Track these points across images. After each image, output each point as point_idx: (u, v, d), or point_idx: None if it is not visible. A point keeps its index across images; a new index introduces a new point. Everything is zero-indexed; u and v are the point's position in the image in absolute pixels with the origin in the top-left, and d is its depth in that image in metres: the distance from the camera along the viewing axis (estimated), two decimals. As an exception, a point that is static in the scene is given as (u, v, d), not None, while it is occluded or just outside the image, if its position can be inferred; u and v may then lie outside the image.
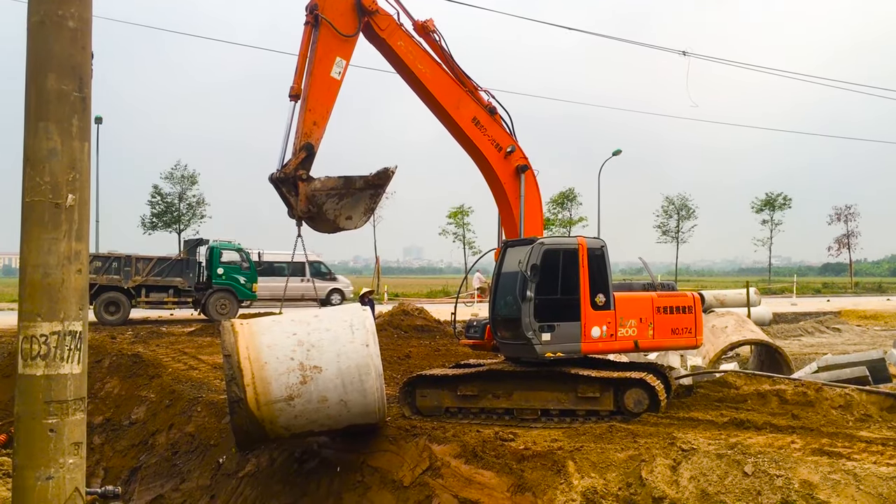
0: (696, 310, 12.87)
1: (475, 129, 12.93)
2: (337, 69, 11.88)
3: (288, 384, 10.08)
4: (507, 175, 13.16)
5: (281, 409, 10.13)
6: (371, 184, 12.11)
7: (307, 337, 10.38)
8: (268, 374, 10.08)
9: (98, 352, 18.64)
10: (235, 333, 10.36)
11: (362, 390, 10.26)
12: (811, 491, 8.17)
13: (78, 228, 4.00)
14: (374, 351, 10.37)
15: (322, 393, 10.16)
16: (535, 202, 13.38)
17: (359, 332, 10.44)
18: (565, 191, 63.80)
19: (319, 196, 11.77)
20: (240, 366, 10.02)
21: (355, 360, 10.25)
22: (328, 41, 11.84)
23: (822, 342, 27.68)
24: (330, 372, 10.17)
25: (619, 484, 9.08)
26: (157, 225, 51.12)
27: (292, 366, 10.12)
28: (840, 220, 74.99)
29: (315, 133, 11.77)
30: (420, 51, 12.67)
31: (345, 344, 10.32)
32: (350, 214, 12.06)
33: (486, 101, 13.22)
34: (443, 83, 12.78)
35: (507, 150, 13.10)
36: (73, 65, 4.02)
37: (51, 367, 3.85)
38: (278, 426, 10.29)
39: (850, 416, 11.45)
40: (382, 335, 23.04)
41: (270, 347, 10.26)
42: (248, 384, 9.99)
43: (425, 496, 10.16)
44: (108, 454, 14.47)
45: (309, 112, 11.73)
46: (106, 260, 27.90)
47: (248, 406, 9.97)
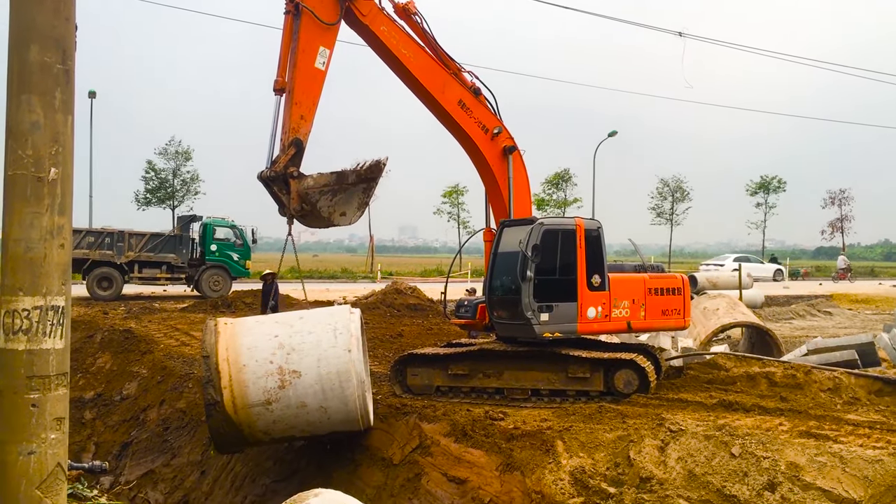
0: (685, 291, 12.96)
1: (461, 112, 12.74)
2: (321, 59, 11.58)
3: (266, 388, 9.73)
4: (494, 156, 13.01)
5: (259, 414, 9.81)
6: (363, 177, 11.85)
7: (289, 340, 10.00)
8: (246, 377, 9.75)
9: (90, 327, 18.65)
10: (217, 334, 10.07)
11: (343, 397, 9.84)
12: (797, 473, 8.21)
13: (61, 203, 3.95)
14: (357, 357, 9.92)
15: (301, 398, 9.81)
16: (524, 183, 13.29)
17: (342, 336, 9.98)
18: (560, 171, 63.68)
19: (312, 194, 11.48)
20: (217, 368, 9.74)
21: (336, 366, 9.81)
22: (310, 30, 11.52)
23: (813, 325, 27.81)
24: (309, 377, 9.80)
25: (607, 464, 9.13)
26: (150, 201, 50.88)
27: (271, 369, 9.77)
28: (834, 204, 75.04)
29: (303, 127, 11.49)
30: (403, 35, 12.40)
31: (326, 349, 9.91)
32: (344, 210, 11.81)
33: (470, 82, 13.01)
34: (427, 67, 12.54)
35: (494, 131, 12.94)
36: (55, 36, 3.96)
37: (33, 342, 3.82)
38: (257, 430, 9.97)
39: (839, 399, 11.50)
40: (375, 313, 23.10)
41: (251, 349, 9.92)
42: (224, 387, 9.70)
43: (415, 474, 10.20)
44: (99, 429, 14.50)
45: (296, 106, 11.43)
46: (99, 235, 27.83)
47: (224, 409, 9.67)
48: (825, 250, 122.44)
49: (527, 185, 13.30)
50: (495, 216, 13.39)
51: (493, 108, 13.15)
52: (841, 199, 74.72)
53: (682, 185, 68.23)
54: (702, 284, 28.39)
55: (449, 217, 63.43)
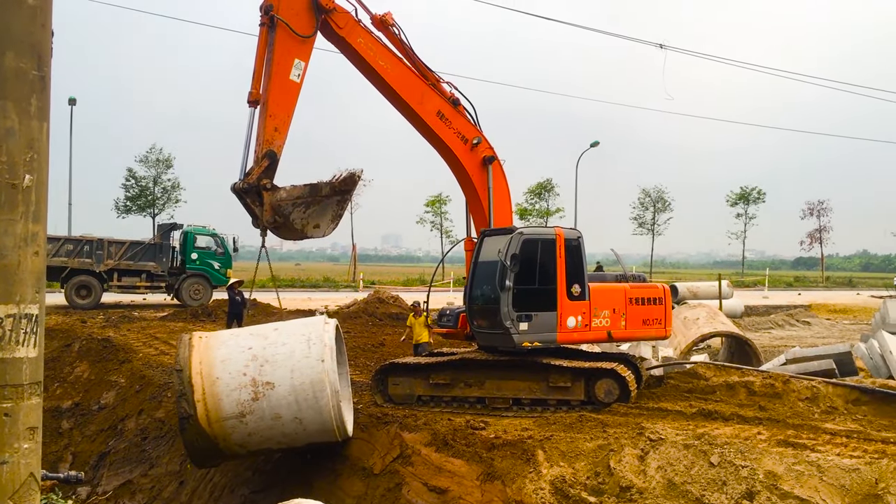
0: (666, 301, 13.00)
1: (440, 123, 12.68)
2: (296, 71, 11.47)
3: (239, 400, 9.66)
4: (474, 167, 12.97)
5: (233, 427, 9.73)
6: (338, 190, 11.73)
7: (262, 351, 9.96)
8: (219, 389, 9.69)
9: (68, 335, 18.48)
10: (191, 347, 10.03)
11: (317, 408, 9.74)
12: (775, 481, 8.26)
13: (35, 210, 3.90)
14: (331, 366, 9.80)
15: (275, 410, 9.72)
16: (504, 192, 13.28)
17: (315, 346, 9.90)
18: (543, 181, 63.99)
19: (285, 206, 11.37)
20: (191, 381, 9.70)
21: (309, 377, 9.72)
22: (285, 43, 11.41)
23: (791, 335, 27.99)
24: (283, 388, 9.72)
25: (587, 473, 9.14)
26: (131, 209, 50.60)
27: (244, 381, 9.70)
28: (813, 215, 75.98)
29: (277, 139, 11.35)
30: (380, 47, 12.32)
31: (300, 359, 9.82)
32: (318, 223, 11.71)
33: (448, 92, 12.96)
34: (405, 78, 12.47)
35: (474, 141, 12.90)
36: (31, 43, 3.92)
37: (5, 351, 3.77)
38: (232, 443, 9.89)
39: (816, 408, 11.58)
40: (357, 322, 23.04)
41: (224, 362, 9.87)
42: (198, 400, 9.65)
43: (395, 484, 10.16)
44: (76, 439, 14.35)
45: (270, 118, 11.30)
46: (78, 243, 27.62)
47: (198, 423, 9.62)
48: (804, 261, 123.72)
49: (507, 195, 13.31)
50: (476, 226, 13.40)
51: (473, 118, 13.11)
52: (819, 211, 75.72)
53: (664, 196, 68.87)
54: (683, 294, 28.59)
55: (432, 226, 63.67)
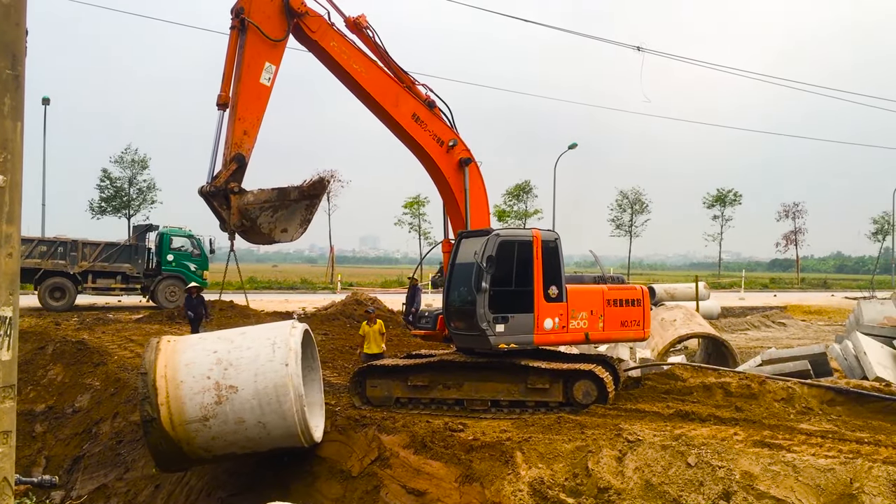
0: (645, 303, 13.05)
1: (415, 126, 12.60)
2: (266, 75, 11.34)
3: (202, 404, 9.59)
4: (450, 169, 12.92)
5: (197, 430, 9.64)
6: (306, 194, 11.66)
7: (227, 355, 9.86)
8: (182, 393, 9.62)
9: (41, 338, 18.24)
10: (158, 351, 9.97)
11: (280, 412, 9.63)
12: (751, 482, 8.32)
13: (9, 211, 3.85)
14: (294, 371, 9.66)
15: (238, 414, 9.63)
16: (481, 194, 13.26)
17: (280, 350, 9.79)
18: (521, 183, 64.22)
19: (252, 210, 11.25)
20: (154, 384, 9.62)
21: (273, 381, 9.61)
22: (256, 46, 11.27)
23: (767, 336, 28.29)
24: (246, 392, 9.61)
25: (565, 474, 9.16)
26: (106, 210, 50.09)
27: (208, 385, 9.62)
28: (788, 217, 76.78)
29: (246, 143, 11.23)
30: (354, 50, 12.20)
31: (264, 363, 9.72)
32: (285, 227, 11.61)
33: (424, 94, 12.89)
34: (380, 81, 12.36)
35: (449, 143, 12.84)
36: (5, 42, 3.87)
37: (-22, 354, 3.72)
38: (196, 447, 9.79)
39: (792, 408, 11.70)
40: (335, 324, 22.97)
41: (188, 366, 9.80)
42: (161, 403, 9.58)
43: (373, 486, 10.12)
44: (50, 442, 14.16)
45: (239, 121, 11.17)
46: (51, 244, 27.30)
47: (161, 426, 9.55)
48: (780, 262, 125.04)
49: (484, 197, 13.29)
50: (454, 227, 13.38)
51: (449, 120, 13.05)
52: (795, 213, 76.51)
53: (642, 198, 69.31)
54: (660, 296, 28.78)
55: (410, 228, 63.66)
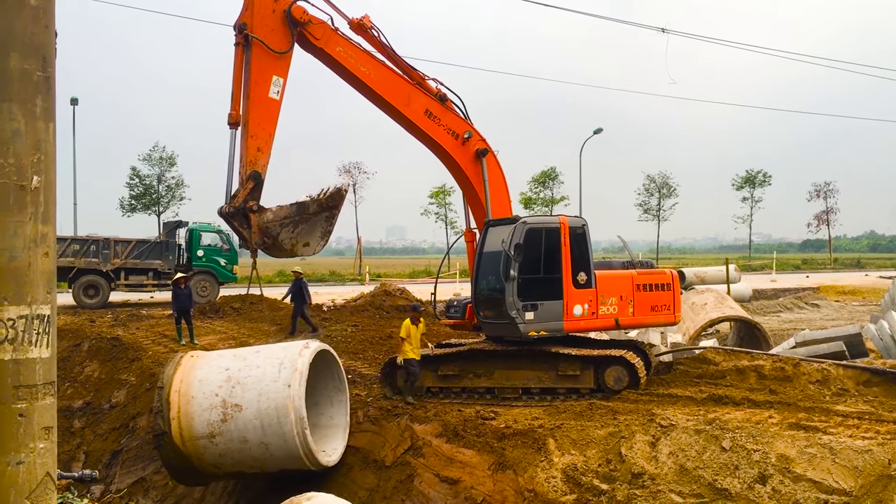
0: (675, 287, 12.96)
1: (429, 122, 12.46)
2: (275, 89, 11.27)
3: (209, 421, 9.65)
4: (467, 161, 12.78)
5: (205, 447, 9.71)
6: (325, 206, 11.57)
7: (237, 373, 9.92)
8: (193, 409, 9.71)
9: (77, 335, 18.52)
10: (177, 366, 10.09)
11: (281, 434, 9.51)
12: (788, 465, 8.26)
13: (44, 211, 3.91)
14: (297, 393, 9.52)
15: (242, 433, 9.60)
16: (500, 183, 13.12)
17: (285, 371, 9.69)
18: (547, 170, 63.89)
19: (273, 227, 11.24)
20: (168, 399, 9.75)
21: (274, 402, 9.53)
22: (262, 61, 11.18)
23: (800, 318, 27.96)
24: (249, 412, 9.59)
25: (598, 460, 9.15)
26: (136, 207, 50.70)
27: (215, 402, 9.71)
28: (819, 197, 75.64)
29: (260, 160, 11.18)
30: (361, 53, 12.05)
31: (268, 383, 9.66)
32: (307, 241, 11.56)
33: (435, 89, 12.73)
34: (389, 82, 12.21)
35: (465, 136, 12.68)
36: (35, 44, 3.92)
37: (19, 352, 3.78)
38: (206, 463, 9.86)
39: (827, 390, 11.57)
40: (364, 316, 23.07)
41: (201, 382, 9.88)
42: (173, 418, 9.70)
43: (407, 475, 10.19)
44: (88, 438, 14.40)
45: (251, 139, 11.11)
46: (84, 243, 27.67)
47: (172, 440, 9.66)
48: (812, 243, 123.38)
49: (504, 185, 13.17)
50: (475, 217, 13.31)
51: (462, 112, 12.89)
52: (826, 192, 75.33)
53: (669, 181, 68.67)
54: (690, 279, 28.53)
55: (436, 218, 63.60)
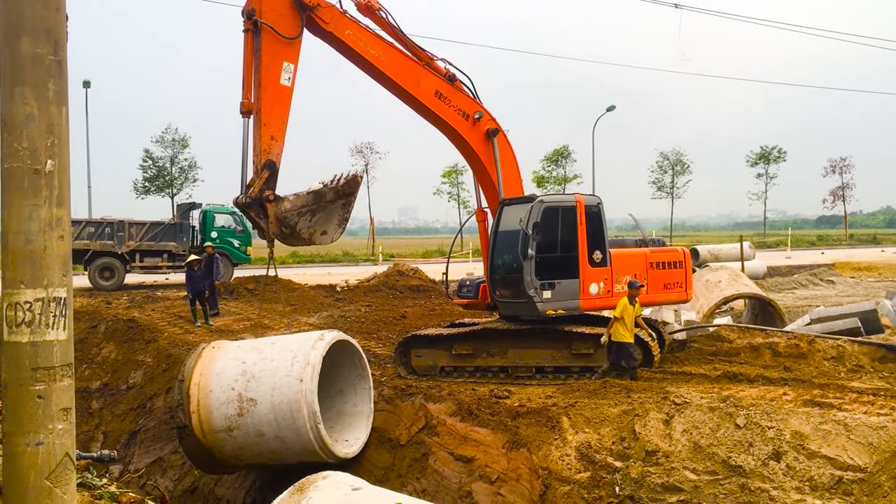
0: (686, 264, 12.99)
1: (439, 103, 12.37)
2: (286, 75, 11.10)
3: (227, 415, 9.70)
4: (478, 141, 12.69)
5: (224, 440, 9.75)
6: (342, 193, 11.40)
7: (253, 367, 9.88)
8: (211, 402, 9.74)
9: (94, 317, 18.68)
10: (198, 358, 10.11)
11: (295, 428, 9.46)
12: (802, 441, 8.25)
13: (58, 194, 3.94)
14: (309, 387, 9.41)
15: (258, 427, 9.61)
16: (511, 162, 13.04)
17: (297, 364, 9.61)
18: (560, 148, 63.59)
19: (291, 216, 11.07)
20: (188, 392, 9.79)
21: (287, 396, 9.46)
22: (272, 47, 11.02)
23: (815, 294, 27.81)
24: (264, 406, 9.57)
25: (612, 438, 9.17)
26: (149, 189, 50.89)
27: (231, 396, 9.72)
28: (835, 173, 75.01)
29: (275, 148, 11.05)
30: (370, 35, 11.91)
31: (281, 377, 9.59)
32: (325, 229, 11.39)
33: (444, 69, 12.61)
34: (399, 63, 12.10)
35: (475, 116, 12.60)
36: (46, 27, 3.93)
37: (36, 334, 3.83)
38: (227, 455, 9.90)
39: (842, 367, 11.54)
40: (377, 296, 23.15)
41: (219, 375, 9.88)
42: (193, 411, 9.75)
43: (422, 454, 10.26)
44: (106, 418, 14.56)
45: (265, 127, 10.97)
46: (99, 226, 27.80)
47: (193, 433, 9.73)
48: (827, 219, 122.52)
49: (515, 165, 13.11)
50: (486, 197, 13.28)
51: (471, 91, 12.80)
52: (842, 168, 74.66)
53: (683, 159, 68.22)
54: (704, 257, 28.41)
55: (449, 197, 63.56)
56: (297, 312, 20.20)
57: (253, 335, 16.51)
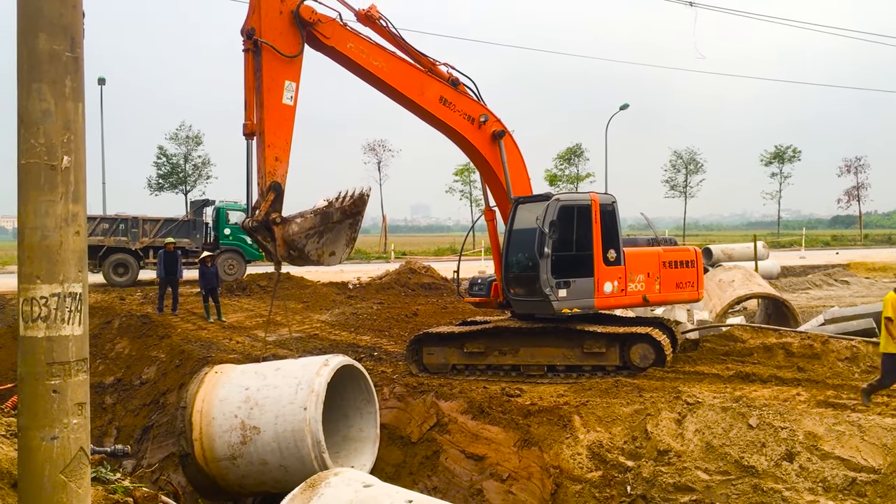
0: (698, 264, 12.99)
1: (444, 109, 12.20)
2: (288, 94, 10.93)
3: (230, 443, 9.54)
4: (484, 144, 12.55)
5: (227, 468, 9.59)
6: (349, 213, 11.24)
7: (256, 393, 9.71)
8: (213, 430, 9.58)
9: (108, 313, 18.81)
10: (201, 383, 10.00)
11: (300, 457, 9.24)
12: (815, 442, 8.21)
13: (74, 190, 3.96)
14: (313, 416, 9.21)
15: (262, 456, 9.42)
16: (519, 163, 12.92)
17: (301, 392, 9.41)
18: (572, 146, 63.47)
19: (299, 239, 10.88)
20: (190, 419, 9.68)
21: (291, 425, 9.27)
22: (273, 66, 10.80)
23: (829, 295, 27.63)
24: (267, 434, 9.38)
25: (624, 437, 9.16)
26: (163, 186, 51.19)
27: (234, 424, 9.55)
28: (850, 172, 74.51)
29: (280, 169, 10.86)
30: (372, 46, 11.70)
31: (285, 405, 9.40)
32: (333, 250, 11.18)
33: (446, 73, 12.46)
34: (402, 73, 11.90)
35: (481, 119, 12.43)
36: (63, 24, 3.95)
37: (52, 329, 3.85)
38: (231, 483, 9.74)
39: (856, 367, 11.47)
40: (389, 293, 23.19)
41: (222, 402, 9.72)
42: (195, 439, 9.62)
43: (433, 451, 10.28)
44: (120, 413, 14.66)
45: (269, 148, 10.78)
46: (113, 222, 27.95)
47: (196, 461, 9.62)
48: (842, 219, 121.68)
49: (522, 165, 13.03)
50: (494, 196, 13.25)
51: (475, 94, 12.68)
52: (857, 167, 74.14)
53: (696, 157, 67.94)
54: (717, 256, 28.28)
55: (461, 195, 63.52)
56: (310, 309, 20.25)
57: (264, 331, 16.57)
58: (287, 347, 15.18)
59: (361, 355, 14.32)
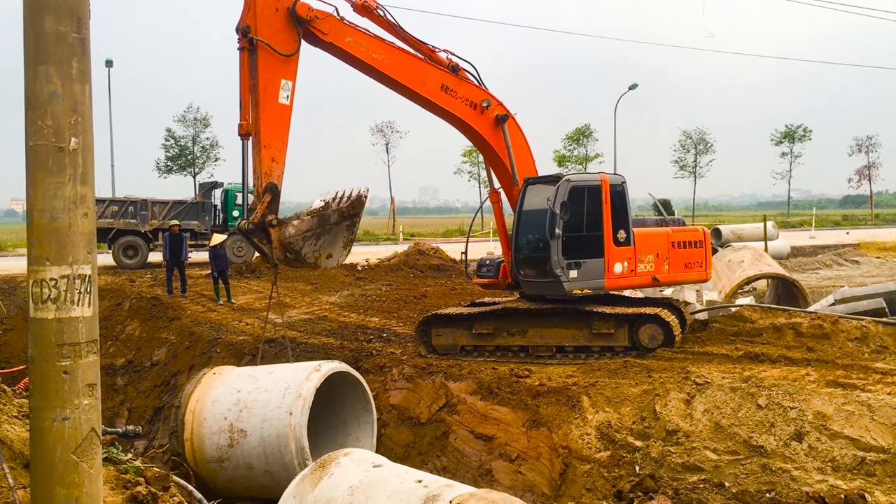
0: (706, 244, 12.98)
1: (446, 97, 12.07)
2: (284, 93, 10.75)
3: (218, 445, 9.44)
4: (488, 129, 12.45)
5: (215, 470, 9.51)
6: (346, 215, 11.14)
7: (247, 396, 9.56)
8: (203, 431, 9.51)
9: (118, 295, 18.91)
10: (197, 383, 9.96)
11: (283, 464, 9.02)
12: (825, 422, 8.21)
13: (83, 172, 3.96)
14: (299, 421, 8.98)
15: (247, 460, 9.27)
16: (523, 147, 12.83)
17: (289, 396, 9.20)
18: (581, 127, 63.15)
19: (296, 242, 10.73)
20: (183, 419, 9.63)
21: (276, 430, 9.08)
22: (269, 65, 10.62)
23: (840, 275, 27.50)
24: (253, 438, 9.21)
25: (633, 418, 9.18)
26: (171, 169, 51.24)
27: (223, 426, 9.44)
28: (861, 152, 73.92)
29: (276, 170, 10.71)
30: (370, 39, 11.50)
31: (272, 409, 9.22)
32: (330, 252, 11.08)
33: (446, 60, 12.32)
34: (402, 63, 11.72)
35: (483, 104, 12.31)
36: (70, 6, 3.93)
37: (61, 311, 3.87)
38: (220, 486, 9.60)
39: (866, 347, 11.42)
40: (398, 275, 23.21)
41: (214, 403, 9.65)
42: (186, 439, 9.57)
43: (442, 432, 10.33)
44: (131, 395, 14.77)
45: (265, 149, 10.63)
46: (122, 204, 28.01)
47: (187, 462, 9.56)
48: (852, 199, 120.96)
49: (526, 147, 12.95)
50: (499, 179, 13.20)
51: (476, 79, 12.54)
52: (868, 147, 73.55)
53: (706, 137, 67.47)
54: (726, 237, 28.20)
55: (469, 176, 63.36)
56: (319, 291, 20.31)
57: (274, 313, 16.63)
58: (297, 329, 15.23)
59: (371, 337, 14.36)
